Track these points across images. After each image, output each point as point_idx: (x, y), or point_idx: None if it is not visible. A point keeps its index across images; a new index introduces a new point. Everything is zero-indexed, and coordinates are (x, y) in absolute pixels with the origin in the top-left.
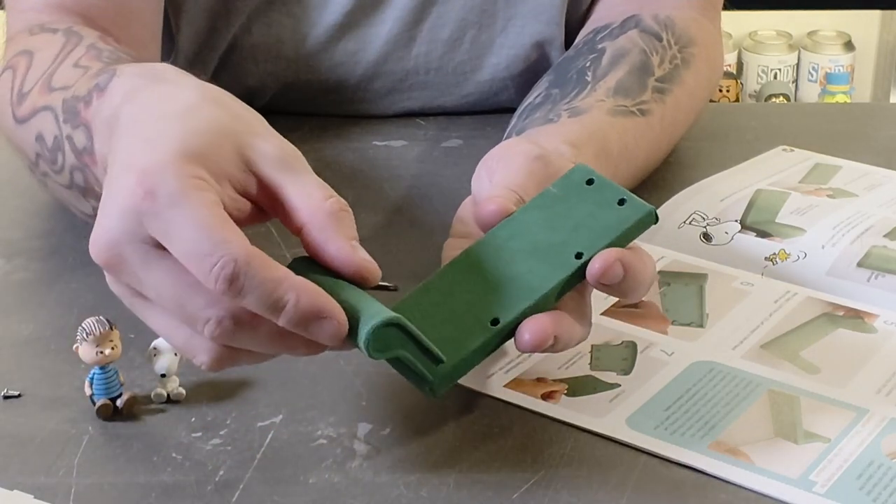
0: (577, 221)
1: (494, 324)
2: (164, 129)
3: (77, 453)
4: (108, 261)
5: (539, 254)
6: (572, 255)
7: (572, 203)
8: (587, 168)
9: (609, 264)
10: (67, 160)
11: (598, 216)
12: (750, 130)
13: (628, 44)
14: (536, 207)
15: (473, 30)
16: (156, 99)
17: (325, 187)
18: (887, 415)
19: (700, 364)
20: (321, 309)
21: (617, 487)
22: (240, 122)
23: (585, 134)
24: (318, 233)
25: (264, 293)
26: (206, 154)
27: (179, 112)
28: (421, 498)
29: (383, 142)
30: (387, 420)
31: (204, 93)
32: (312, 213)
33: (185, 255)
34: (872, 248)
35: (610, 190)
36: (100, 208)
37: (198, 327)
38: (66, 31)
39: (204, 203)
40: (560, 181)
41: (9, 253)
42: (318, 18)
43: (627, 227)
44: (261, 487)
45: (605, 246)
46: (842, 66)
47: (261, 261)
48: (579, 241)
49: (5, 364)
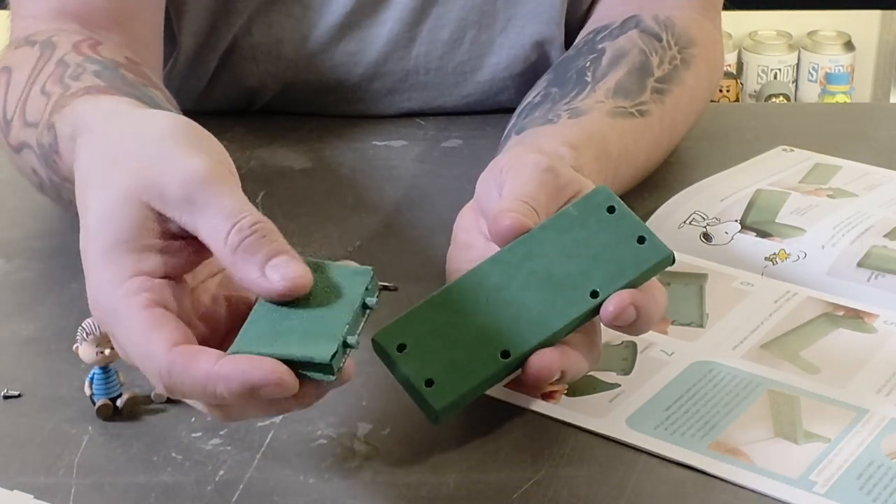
0: (595, 252)
1: (505, 356)
2: (88, 230)
3: (77, 453)
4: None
5: (554, 284)
6: (587, 292)
7: (591, 231)
8: (608, 192)
9: (622, 308)
10: (61, 197)
11: (617, 251)
12: (750, 130)
13: (628, 44)
14: (554, 229)
15: (473, 30)
16: (81, 180)
17: (232, 213)
18: (887, 415)
19: (700, 364)
20: (253, 384)
21: (617, 487)
22: (141, 171)
23: (585, 136)
24: (234, 272)
25: (197, 394)
26: (123, 239)
27: (91, 204)
28: (421, 498)
29: (383, 142)
30: (387, 420)
31: (105, 152)
32: (220, 254)
33: (132, 360)
34: (872, 248)
35: (630, 224)
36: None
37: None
38: (42, 43)
39: (132, 315)
40: (580, 203)
41: (9, 253)
42: (319, 19)
43: (645, 270)
44: (261, 487)
45: (622, 286)
46: (842, 66)
47: (182, 366)
48: (596, 276)
49: (5, 364)
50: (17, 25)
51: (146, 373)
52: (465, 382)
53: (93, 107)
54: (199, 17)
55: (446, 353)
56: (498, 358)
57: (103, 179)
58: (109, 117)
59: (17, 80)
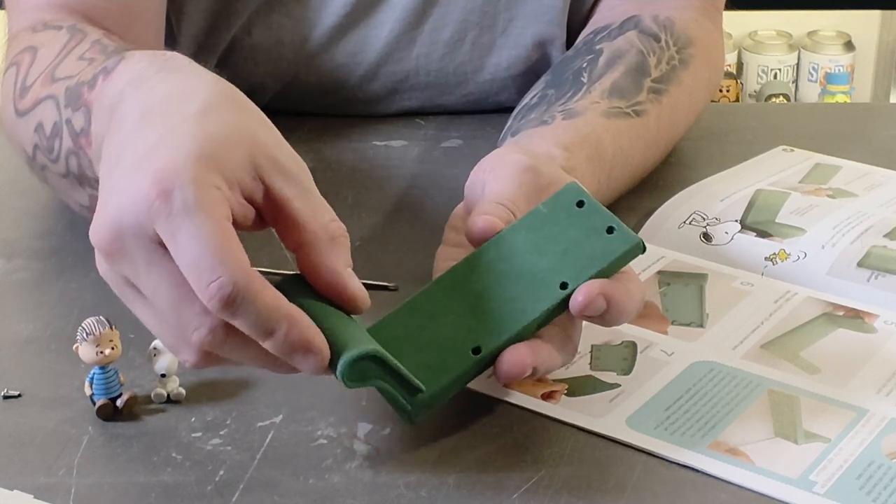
0: (564, 247)
1: (476, 352)
2: (181, 127)
3: (77, 453)
4: (110, 249)
5: (524, 280)
6: (557, 285)
7: (561, 227)
8: (578, 188)
9: (591, 298)
10: (64, 145)
11: (586, 244)
12: (750, 130)
13: (626, 45)
14: (525, 228)
15: (474, 31)
16: (169, 91)
17: (330, 209)
18: (887, 415)
19: (700, 364)
20: (309, 343)
21: (617, 487)
22: (253, 128)
23: (578, 137)
24: (316, 255)
25: (258, 319)
26: (222, 159)
27: (196, 111)
28: (421, 498)
29: (383, 142)
30: (387, 420)
31: (220, 91)
32: (314, 233)
33: (186, 264)
34: (872, 248)
35: (599, 216)
36: (104, 193)
37: (187, 332)
38: (70, 27)
39: (215, 217)
40: (550, 201)
41: (9, 253)
42: (318, 19)
43: (614, 259)
44: (261, 487)
45: (591, 277)
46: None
47: (259, 285)
48: (565, 269)
49: (5, 364)
50: (18, 17)
51: (199, 274)
52: (437, 381)
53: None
54: (198, 19)
55: (418, 355)
56: (469, 355)
57: (214, 102)
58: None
59: (46, 54)
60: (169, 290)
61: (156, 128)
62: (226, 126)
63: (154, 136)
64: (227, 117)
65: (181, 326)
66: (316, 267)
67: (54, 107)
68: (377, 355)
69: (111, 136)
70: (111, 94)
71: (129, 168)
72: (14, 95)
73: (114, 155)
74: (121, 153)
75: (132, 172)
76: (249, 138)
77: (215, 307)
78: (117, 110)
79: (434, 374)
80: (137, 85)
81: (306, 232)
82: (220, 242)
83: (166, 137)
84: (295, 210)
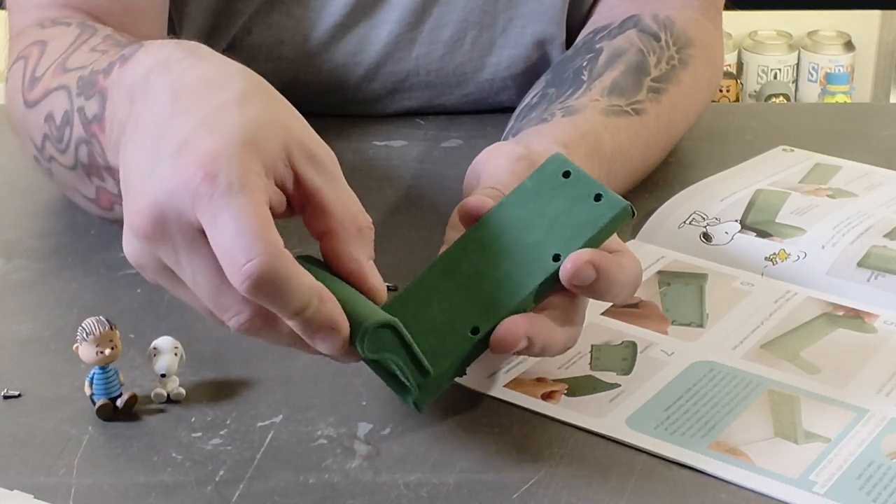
0: (552, 219)
1: (474, 333)
2: (222, 112)
3: (77, 453)
4: (152, 234)
5: (516, 256)
6: (549, 258)
7: (547, 198)
8: (562, 158)
9: (579, 266)
10: (75, 134)
11: (574, 213)
12: (750, 130)
13: (626, 44)
14: (512, 205)
15: (474, 30)
16: (201, 77)
17: (357, 201)
18: (887, 415)
19: (700, 364)
20: (334, 321)
21: (617, 487)
22: (285, 117)
23: (577, 133)
24: (341, 244)
25: (291, 300)
26: (262, 145)
27: (234, 98)
28: (421, 498)
29: (383, 142)
30: (387, 420)
31: (253, 79)
32: (342, 222)
33: (222, 244)
34: (872, 248)
35: (585, 184)
36: (139, 178)
37: (225, 316)
38: (79, 24)
39: (256, 200)
40: (535, 174)
41: (9, 253)
42: (319, 19)
43: (603, 225)
44: (261, 487)
45: (581, 245)
46: (842, 66)
47: (293, 268)
48: (555, 241)
49: (5, 364)
50: (20, 16)
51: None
52: (440, 365)
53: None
54: (199, 18)
55: (417, 342)
56: (468, 336)
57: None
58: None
59: (54, 48)
60: (208, 277)
61: (194, 112)
62: (262, 114)
63: (193, 120)
64: (262, 106)
65: (219, 311)
66: (340, 255)
67: (66, 96)
68: (395, 327)
69: (136, 120)
70: (130, 80)
71: (171, 152)
72: (23, 87)
73: (145, 141)
74: (156, 137)
75: (174, 156)
76: (283, 127)
77: (245, 286)
78: (143, 94)
79: (436, 359)
80: (164, 69)
81: (334, 220)
82: (256, 222)
83: (208, 122)
84: (325, 198)
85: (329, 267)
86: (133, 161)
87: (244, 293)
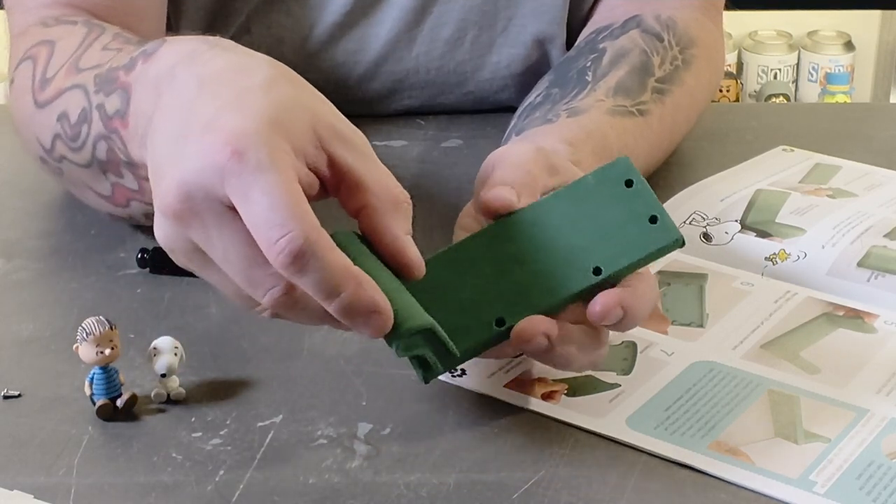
0: (603, 228)
1: (499, 324)
2: (248, 95)
3: (77, 453)
4: (181, 213)
5: (558, 256)
6: (590, 269)
7: (604, 204)
8: (629, 163)
9: (609, 309)
10: (93, 130)
11: (626, 229)
12: (750, 130)
13: (629, 44)
14: (568, 197)
15: (474, 30)
16: (226, 64)
17: (392, 176)
18: (887, 415)
19: (700, 364)
20: (375, 305)
21: (617, 487)
22: (313, 100)
23: (583, 133)
24: (380, 217)
25: (325, 277)
26: (290, 127)
27: (260, 83)
28: (421, 498)
29: (383, 142)
30: (387, 420)
31: (278, 66)
32: (378, 196)
33: (256, 221)
34: (872, 248)
35: (645, 201)
36: (166, 163)
37: (258, 293)
38: (85, 22)
39: (287, 176)
40: (599, 171)
41: (9, 253)
42: (318, 18)
43: (652, 251)
44: (261, 487)
45: (625, 265)
46: (842, 66)
47: (328, 244)
48: (600, 252)
49: (5, 364)
50: (22, 16)
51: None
52: (459, 345)
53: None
54: (197, 17)
55: (443, 315)
56: (492, 326)
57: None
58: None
59: (64, 47)
60: (240, 253)
61: (219, 95)
62: (289, 98)
63: (219, 102)
64: (288, 90)
65: (252, 288)
66: (377, 229)
67: (82, 95)
68: (433, 329)
69: (163, 111)
70: (156, 74)
71: (197, 132)
72: (33, 88)
73: (172, 126)
74: (183, 120)
75: (200, 135)
76: (311, 110)
77: (282, 262)
78: (169, 85)
79: (456, 339)
80: (190, 61)
81: (371, 195)
82: (290, 197)
83: (233, 103)
84: (359, 174)
85: (366, 241)
86: (161, 145)
87: (280, 268)
